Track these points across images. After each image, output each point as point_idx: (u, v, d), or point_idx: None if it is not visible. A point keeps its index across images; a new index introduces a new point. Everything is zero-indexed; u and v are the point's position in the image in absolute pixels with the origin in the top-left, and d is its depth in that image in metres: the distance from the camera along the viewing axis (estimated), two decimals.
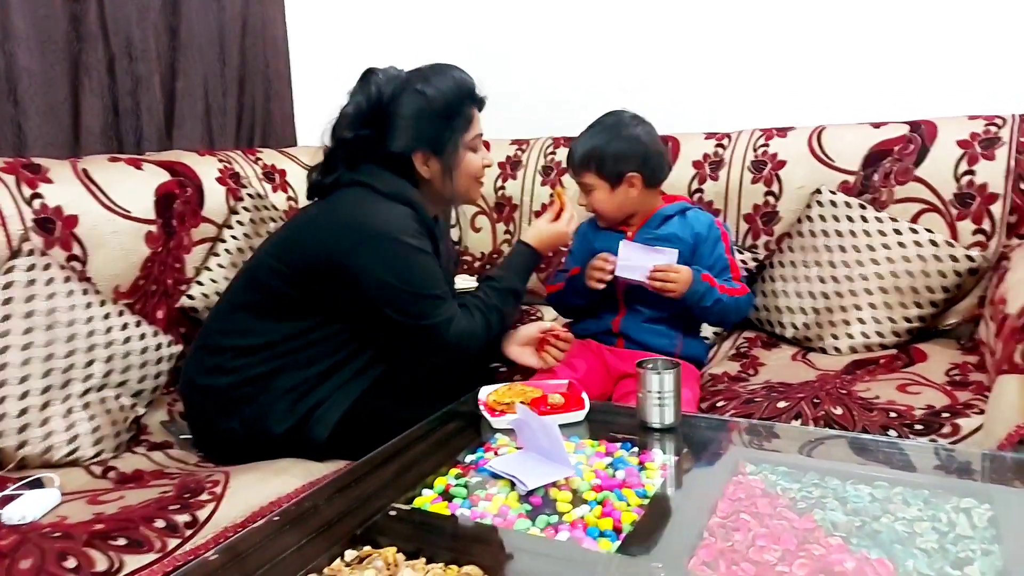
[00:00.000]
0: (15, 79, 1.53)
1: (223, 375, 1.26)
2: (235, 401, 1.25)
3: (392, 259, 1.21)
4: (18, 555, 0.88)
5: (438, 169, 1.31)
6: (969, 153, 1.59)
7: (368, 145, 1.28)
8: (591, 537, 0.78)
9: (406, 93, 1.28)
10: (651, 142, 1.44)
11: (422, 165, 1.30)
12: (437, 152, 1.30)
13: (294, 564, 0.74)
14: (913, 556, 0.71)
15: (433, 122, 1.28)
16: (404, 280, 1.22)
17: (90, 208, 1.43)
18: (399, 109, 1.27)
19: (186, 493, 1.07)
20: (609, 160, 1.41)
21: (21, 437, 1.20)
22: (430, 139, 1.29)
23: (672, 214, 1.46)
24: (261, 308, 1.27)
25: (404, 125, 1.27)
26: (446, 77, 1.31)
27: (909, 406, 1.23)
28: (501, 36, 2.32)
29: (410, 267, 1.22)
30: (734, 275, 1.44)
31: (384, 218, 1.23)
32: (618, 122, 1.45)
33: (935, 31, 1.78)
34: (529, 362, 1.42)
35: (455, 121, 1.30)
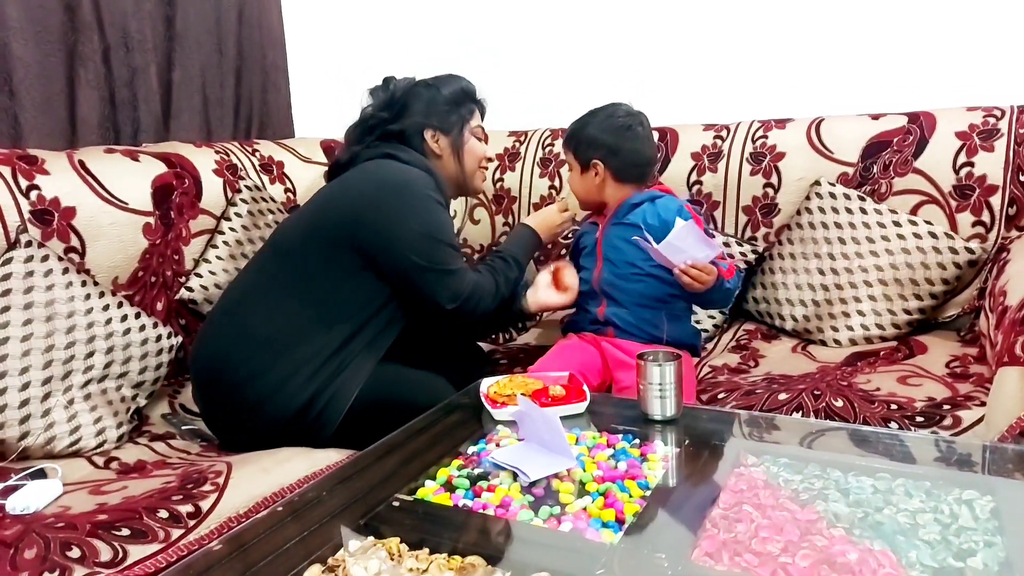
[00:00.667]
0: (10, 70, 1.52)
1: (243, 347, 1.25)
2: (253, 373, 1.24)
3: (414, 206, 1.30)
4: (22, 545, 0.88)
5: (447, 146, 1.46)
6: (968, 145, 1.59)
7: (384, 125, 1.43)
8: (594, 528, 0.78)
9: (418, 86, 1.47)
10: (626, 134, 1.46)
11: (432, 142, 1.45)
12: (445, 131, 1.45)
13: (298, 554, 0.74)
14: (916, 547, 0.72)
15: (441, 106, 1.45)
16: (425, 224, 1.29)
17: (87, 200, 1.42)
18: (411, 98, 1.45)
19: (189, 483, 1.07)
20: (583, 143, 1.48)
21: (23, 428, 1.20)
22: (439, 118, 1.45)
23: (640, 202, 1.47)
24: (283, 281, 1.30)
25: (416, 110, 1.44)
26: (453, 79, 1.51)
27: (910, 398, 1.23)
28: (499, 28, 2.31)
29: (431, 213, 1.31)
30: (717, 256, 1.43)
31: (405, 175, 1.33)
32: (606, 110, 1.50)
33: (933, 22, 1.77)
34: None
35: (461, 108, 1.47)
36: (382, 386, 1.28)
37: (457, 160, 1.47)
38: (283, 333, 1.26)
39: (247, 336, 1.26)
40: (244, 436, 1.27)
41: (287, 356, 1.24)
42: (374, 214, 1.28)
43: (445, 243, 1.31)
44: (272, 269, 1.33)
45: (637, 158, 1.48)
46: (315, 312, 1.27)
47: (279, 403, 1.23)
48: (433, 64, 2.42)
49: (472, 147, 1.49)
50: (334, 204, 1.35)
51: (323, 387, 1.25)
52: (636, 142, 1.48)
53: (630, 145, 1.46)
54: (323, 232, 1.30)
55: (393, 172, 1.34)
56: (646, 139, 1.50)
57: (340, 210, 1.32)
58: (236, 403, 1.25)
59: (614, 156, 1.46)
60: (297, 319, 1.27)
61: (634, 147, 1.47)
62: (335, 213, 1.32)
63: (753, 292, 1.78)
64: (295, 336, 1.26)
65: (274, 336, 1.25)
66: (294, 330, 1.26)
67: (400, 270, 1.28)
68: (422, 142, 1.43)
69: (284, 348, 1.25)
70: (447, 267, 1.30)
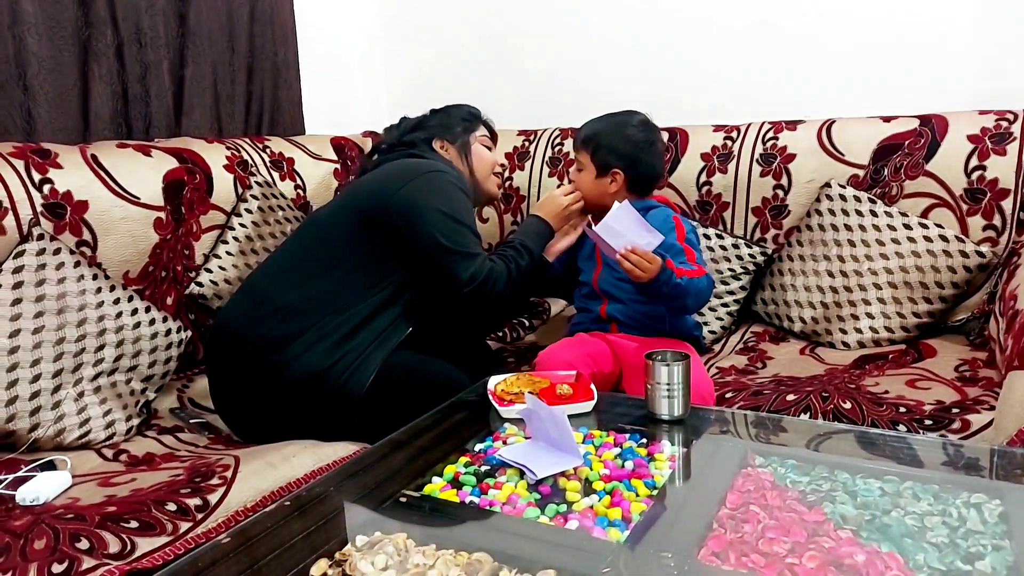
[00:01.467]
0: (24, 65, 1.53)
1: (274, 313, 1.30)
2: (284, 336, 1.28)
3: (442, 189, 1.38)
4: (32, 535, 0.89)
5: (455, 153, 1.55)
6: (980, 148, 1.58)
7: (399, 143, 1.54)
8: (600, 526, 0.79)
9: (429, 114, 1.61)
10: (648, 150, 1.50)
11: (441, 150, 1.54)
12: (452, 140, 1.55)
13: (305, 549, 0.75)
14: (923, 550, 0.71)
15: (449, 121, 1.57)
16: (451, 207, 1.36)
17: (99, 194, 1.43)
18: (425, 121, 1.58)
19: (197, 477, 1.08)
20: (604, 149, 1.49)
21: (34, 420, 1.21)
22: (446, 130, 1.56)
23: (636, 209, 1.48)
24: (315, 256, 1.37)
25: (427, 126, 1.56)
26: (461, 105, 1.62)
27: (919, 401, 1.23)
28: (509, 26, 2.31)
29: (456, 200, 1.39)
30: (689, 258, 1.42)
31: (432, 165, 1.43)
32: (628, 120, 1.52)
33: (946, 25, 1.76)
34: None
35: (467, 123, 1.58)
36: (406, 360, 1.35)
37: (466, 163, 1.55)
38: (312, 303, 1.31)
39: (278, 304, 1.31)
40: (261, 403, 1.29)
41: (315, 324, 1.29)
42: (405, 193, 1.35)
43: (468, 227, 1.38)
44: (306, 244, 1.41)
45: (653, 173, 1.53)
46: (340, 287, 1.33)
47: (304, 364, 1.27)
48: (445, 62, 2.43)
49: (479, 151, 1.57)
50: (366, 186, 1.43)
51: (347, 354, 1.30)
52: (655, 158, 1.52)
53: (649, 160, 1.50)
54: (355, 213, 1.38)
55: (422, 162, 1.45)
56: (661, 155, 1.55)
57: (371, 191, 1.40)
58: (261, 367, 1.28)
59: (634, 168, 1.49)
60: (325, 292, 1.32)
61: (652, 163, 1.51)
62: (366, 194, 1.40)
63: (762, 294, 1.78)
64: (322, 307, 1.31)
65: (303, 306, 1.31)
66: (322, 302, 1.31)
67: (424, 248, 1.34)
68: (431, 151, 1.53)
69: (310, 316, 1.30)
70: (468, 249, 1.36)
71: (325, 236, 1.39)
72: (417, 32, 2.47)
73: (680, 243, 1.44)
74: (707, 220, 1.84)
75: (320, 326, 1.30)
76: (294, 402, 1.28)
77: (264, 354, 1.28)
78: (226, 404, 1.35)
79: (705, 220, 1.84)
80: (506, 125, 2.24)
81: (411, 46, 2.49)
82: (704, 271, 1.40)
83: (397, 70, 2.53)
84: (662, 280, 1.31)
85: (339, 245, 1.36)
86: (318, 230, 1.42)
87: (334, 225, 1.39)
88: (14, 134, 1.52)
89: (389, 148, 1.55)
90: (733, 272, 1.74)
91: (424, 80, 2.47)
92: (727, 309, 1.75)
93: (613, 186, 1.50)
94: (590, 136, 1.52)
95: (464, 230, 1.37)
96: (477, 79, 2.38)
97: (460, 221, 1.36)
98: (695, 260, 1.42)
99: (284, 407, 1.28)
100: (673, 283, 1.32)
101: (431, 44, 2.45)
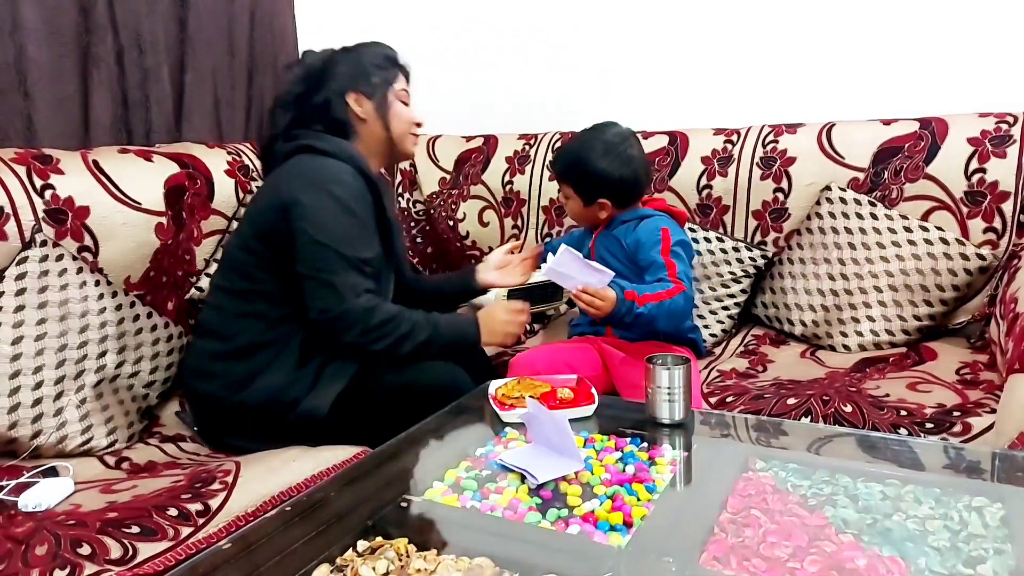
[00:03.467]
0: (24, 71, 1.53)
1: (215, 362, 1.30)
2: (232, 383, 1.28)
3: (318, 209, 1.25)
4: (34, 541, 0.89)
5: (372, 110, 1.40)
6: (980, 151, 1.58)
7: (305, 97, 1.39)
8: (601, 531, 0.78)
9: (336, 54, 1.42)
10: (627, 167, 1.48)
11: (356, 105, 1.39)
12: (369, 94, 1.40)
13: (306, 554, 0.75)
14: (925, 554, 0.71)
15: (364, 68, 1.40)
16: (319, 229, 1.25)
17: (101, 199, 1.43)
18: (330, 65, 1.40)
19: (197, 482, 1.08)
20: (584, 182, 1.50)
21: (35, 427, 1.21)
22: (362, 81, 1.40)
23: (627, 220, 1.52)
24: (237, 292, 1.33)
25: (336, 74, 1.39)
26: (374, 44, 1.45)
27: (920, 404, 1.23)
28: (509, 30, 2.31)
29: (328, 217, 1.26)
30: (668, 273, 1.41)
31: (317, 174, 1.29)
32: (597, 145, 1.48)
33: (946, 27, 1.76)
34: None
35: (384, 72, 1.42)
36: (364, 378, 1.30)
37: (383, 124, 1.41)
38: (246, 339, 1.29)
39: (216, 351, 1.31)
40: (247, 443, 1.29)
41: (255, 360, 1.28)
42: (281, 223, 1.27)
43: (334, 250, 1.25)
44: (224, 283, 1.36)
45: (638, 185, 1.52)
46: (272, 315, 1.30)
47: (262, 403, 1.26)
48: (445, 67, 2.44)
49: (398, 111, 1.43)
50: (257, 212, 1.35)
51: (297, 380, 1.27)
52: (637, 171, 1.50)
53: (632, 175, 1.49)
54: (255, 240, 1.31)
55: (305, 172, 1.30)
56: (642, 160, 1.52)
57: (260, 220, 1.32)
58: (230, 414, 1.29)
59: (618, 193, 1.50)
60: (255, 323, 1.30)
61: (635, 175, 1.50)
62: (258, 222, 1.33)
63: (762, 297, 1.78)
64: (259, 338, 1.29)
65: (239, 345, 1.29)
66: (257, 333, 1.29)
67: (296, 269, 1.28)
68: (345, 107, 1.39)
69: (250, 354, 1.28)
70: (324, 276, 1.25)
71: (240, 271, 1.33)
72: (417, 37, 2.47)
73: (664, 256, 1.43)
74: (707, 223, 1.84)
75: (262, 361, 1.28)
76: (275, 437, 1.27)
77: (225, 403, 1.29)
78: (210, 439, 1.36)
79: (705, 223, 1.84)
80: (507, 129, 2.25)
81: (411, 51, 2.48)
82: (681, 288, 1.38)
83: None
84: (622, 312, 1.33)
85: (254, 276, 1.31)
86: (232, 266, 1.36)
87: (245, 257, 1.32)
88: (15, 140, 1.52)
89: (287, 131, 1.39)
90: (733, 275, 1.74)
91: (424, 85, 2.48)
92: (728, 312, 1.75)
93: (603, 212, 1.52)
94: (567, 171, 1.52)
95: (327, 253, 1.24)
96: (477, 84, 2.39)
97: (323, 243, 1.24)
98: (675, 275, 1.40)
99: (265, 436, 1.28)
100: (635, 313, 1.33)
101: (431, 49, 2.45)
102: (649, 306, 1.34)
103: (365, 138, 1.41)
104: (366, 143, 1.41)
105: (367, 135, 1.41)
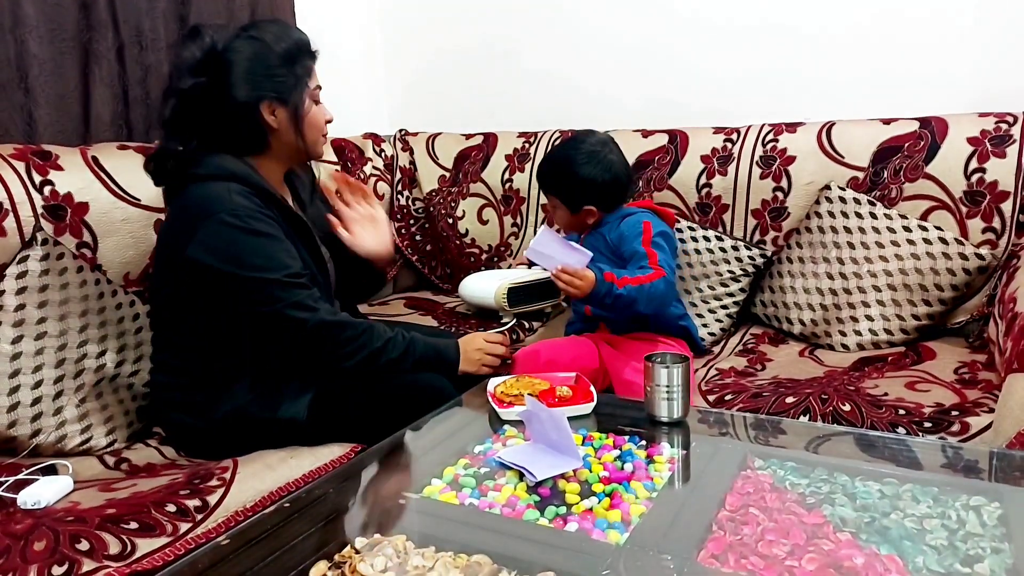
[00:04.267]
0: (25, 67, 1.53)
1: (177, 395, 1.27)
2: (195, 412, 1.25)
3: (221, 243, 1.15)
4: (32, 537, 0.89)
5: (285, 118, 1.25)
6: (980, 150, 1.58)
7: (207, 97, 1.21)
8: (600, 529, 0.79)
9: (240, 39, 1.23)
10: (608, 174, 1.50)
11: (269, 115, 1.24)
12: (284, 101, 1.24)
13: (304, 550, 0.75)
14: (923, 553, 0.71)
15: (274, 69, 1.23)
16: (238, 263, 1.15)
17: (100, 195, 1.43)
18: (235, 56, 1.21)
19: (196, 479, 1.08)
20: (569, 192, 1.52)
21: (35, 426, 1.21)
22: (275, 87, 1.23)
23: (612, 219, 1.54)
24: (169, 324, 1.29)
25: (244, 71, 1.21)
26: (279, 26, 1.27)
27: (918, 403, 1.23)
28: (509, 28, 2.31)
29: (240, 249, 1.15)
30: (650, 262, 1.43)
31: (205, 201, 1.17)
32: (577, 157, 1.50)
33: (946, 27, 1.76)
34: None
35: (296, 67, 1.25)
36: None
37: (298, 133, 1.26)
38: (195, 370, 1.25)
39: (169, 383, 1.28)
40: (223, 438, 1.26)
41: (212, 389, 1.24)
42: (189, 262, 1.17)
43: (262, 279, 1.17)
44: (158, 320, 1.32)
45: (621, 188, 1.54)
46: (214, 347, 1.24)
47: (231, 424, 1.23)
48: (445, 64, 2.44)
49: (314, 116, 1.29)
50: (161, 249, 1.30)
51: (261, 398, 1.23)
52: (619, 173, 1.52)
53: (613, 179, 1.51)
54: (172, 279, 1.24)
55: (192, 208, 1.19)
56: (622, 165, 1.54)
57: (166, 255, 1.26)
58: (207, 436, 1.26)
59: (603, 198, 1.52)
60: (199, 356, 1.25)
61: (617, 179, 1.51)
62: (165, 258, 1.27)
63: (761, 296, 1.78)
64: (208, 368, 1.24)
65: (192, 377, 1.25)
66: (203, 363, 1.25)
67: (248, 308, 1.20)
68: (258, 116, 1.23)
69: (204, 383, 1.24)
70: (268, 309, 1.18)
71: (166, 304, 1.27)
72: (417, 34, 2.47)
73: (645, 247, 1.45)
74: (707, 222, 1.84)
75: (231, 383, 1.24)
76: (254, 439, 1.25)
77: (196, 427, 1.26)
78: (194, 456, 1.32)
79: (704, 222, 1.84)
80: (506, 127, 2.25)
81: (411, 48, 2.49)
82: (661, 274, 1.39)
83: (396, 72, 2.53)
84: (602, 293, 1.36)
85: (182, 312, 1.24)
86: (157, 295, 1.31)
87: (166, 293, 1.26)
88: (15, 136, 1.52)
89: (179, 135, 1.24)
90: (732, 274, 1.74)
91: (423, 82, 2.48)
92: (727, 311, 1.75)
93: (591, 217, 1.53)
94: (552, 182, 1.54)
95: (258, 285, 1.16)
96: (476, 81, 2.39)
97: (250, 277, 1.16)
98: (656, 263, 1.42)
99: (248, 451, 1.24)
100: (615, 295, 1.36)
101: (431, 46, 2.45)
102: (628, 288, 1.36)
103: (274, 147, 1.28)
104: (274, 152, 1.28)
105: (277, 145, 1.28)
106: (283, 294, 1.17)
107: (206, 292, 1.20)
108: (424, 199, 2.28)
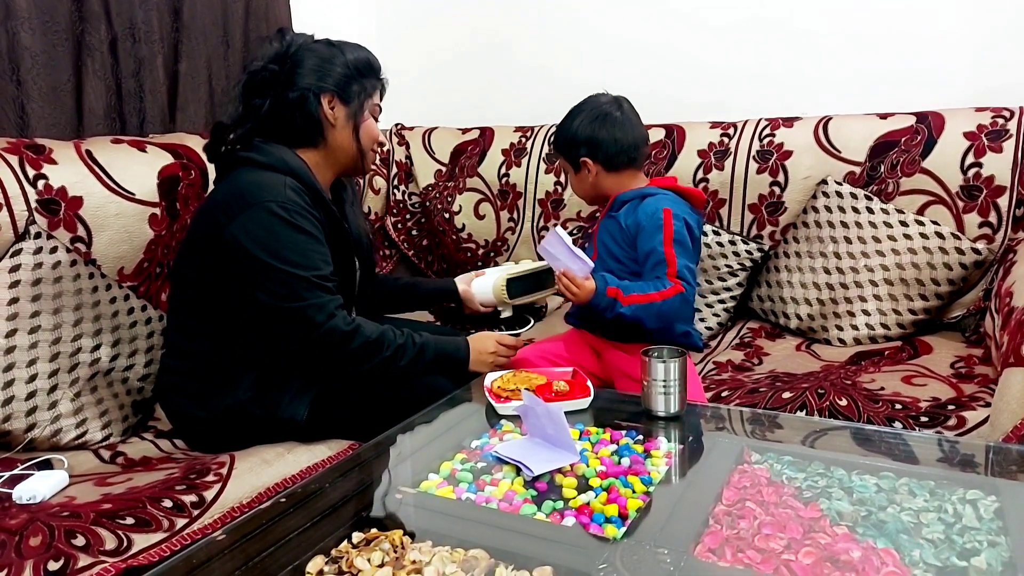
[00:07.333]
0: (17, 59, 1.52)
1: (185, 381, 1.27)
2: (202, 401, 1.25)
3: (262, 231, 1.16)
4: (27, 533, 0.89)
5: (343, 116, 1.29)
6: (976, 145, 1.58)
7: (275, 81, 1.25)
8: (597, 523, 0.79)
9: (319, 43, 1.30)
10: (604, 125, 1.40)
11: (328, 108, 1.27)
12: (344, 99, 1.28)
13: (301, 545, 0.75)
14: (919, 546, 0.72)
15: (344, 68, 1.28)
16: (273, 254, 1.15)
17: (94, 189, 1.42)
18: (309, 53, 1.27)
19: (192, 474, 1.08)
20: (566, 145, 1.44)
21: (30, 420, 1.20)
22: (338, 83, 1.27)
23: (629, 199, 1.42)
24: (184, 308, 1.29)
25: (313, 66, 1.26)
26: (359, 47, 1.33)
27: (915, 398, 1.23)
28: (505, 23, 2.30)
29: (279, 241, 1.16)
30: (668, 271, 1.30)
31: (256, 188, 1.19)
32: (582, 107, 1.44)
33: (943, 22, 1.76)
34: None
35: (363, 80, 1.31)
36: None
37: (354, 134, 1.30)
38: (202, 357, 1.25)
39: (177, 368, 1.28)
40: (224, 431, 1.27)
41: (216, 379, 1.24)
42: (227, 242, 1.17)
43: (291, 273, 1.17)
44: (175, 301, 1.32)
45: (619, 145, 1.41)
46: (225, 336, 1.24)
47: (231, 417, 1.23)
48: (441, 59, 2.43)
49: (369, 126, 1.33)
50: (198, 239, 1.27)
51: (263, 396, 1.24)
52: (614, 129, 1.40)
53: (608, 134, 1.40)
54: (194, 273, 1.25)
55: (243, 192, 1.20)
56: (625, 123, 1.42)
57: (202, 237, 1.25)
58: (207, 426, 1.26)
59: (597, 148, 1.40)
60: (208, 343, 1.25)
61: (613, 135, 1.40)
62: (201, 238, 1.25)
63: (758, 290, 1.78)
64: (215, 357, 1.24)
65: (197, 364, 1.25)
66: (212, 352, 1.25)
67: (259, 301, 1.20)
68: (318, 106, 1.26)
69: (209, 372, 1.24)
70: (289, 304, 1.17)
71: (186, 286, 1.27)
72: (413, 28, 2.46)
73: (664, 246, 1.31)
74: (703, 217, 1.84)
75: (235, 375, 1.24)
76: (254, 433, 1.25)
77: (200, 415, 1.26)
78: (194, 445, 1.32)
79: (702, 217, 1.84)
80: (503, 121, 2.24)
81: (407, 42, 2.48)
82: (678, 289, 1.27)
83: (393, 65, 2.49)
84: (602, 307, 1.28)
85: (207, 294, 1.24)
86: (183, 285, 1.29)
87: (194, 276, 1.26)
88: (8, 129, 1.51)
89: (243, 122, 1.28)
90: (729, 269, 1.75)
91: (420, 76, 2.47)
92: (723, 306, 1.75)
93: (591, 175, 1.42)
94: (555, 139, 1.48)
95: (286, 278, 1.16)
96: (473, 76, 2.38)
97: (284, 268, 1.16)
98: (674, 273, 1.29)
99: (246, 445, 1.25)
100: (616, 312, 1.27)
101: (428, 40, 2.44)
102: (634, 307, 1.26)
103: (328, 145, 1.30)
104: (331, 150, 1.30)
105: (333, 142, 1.30)
106: (308, 294, 1.16)
107: (233, 277, 1.19)
108: (420, 194, 2.28)
